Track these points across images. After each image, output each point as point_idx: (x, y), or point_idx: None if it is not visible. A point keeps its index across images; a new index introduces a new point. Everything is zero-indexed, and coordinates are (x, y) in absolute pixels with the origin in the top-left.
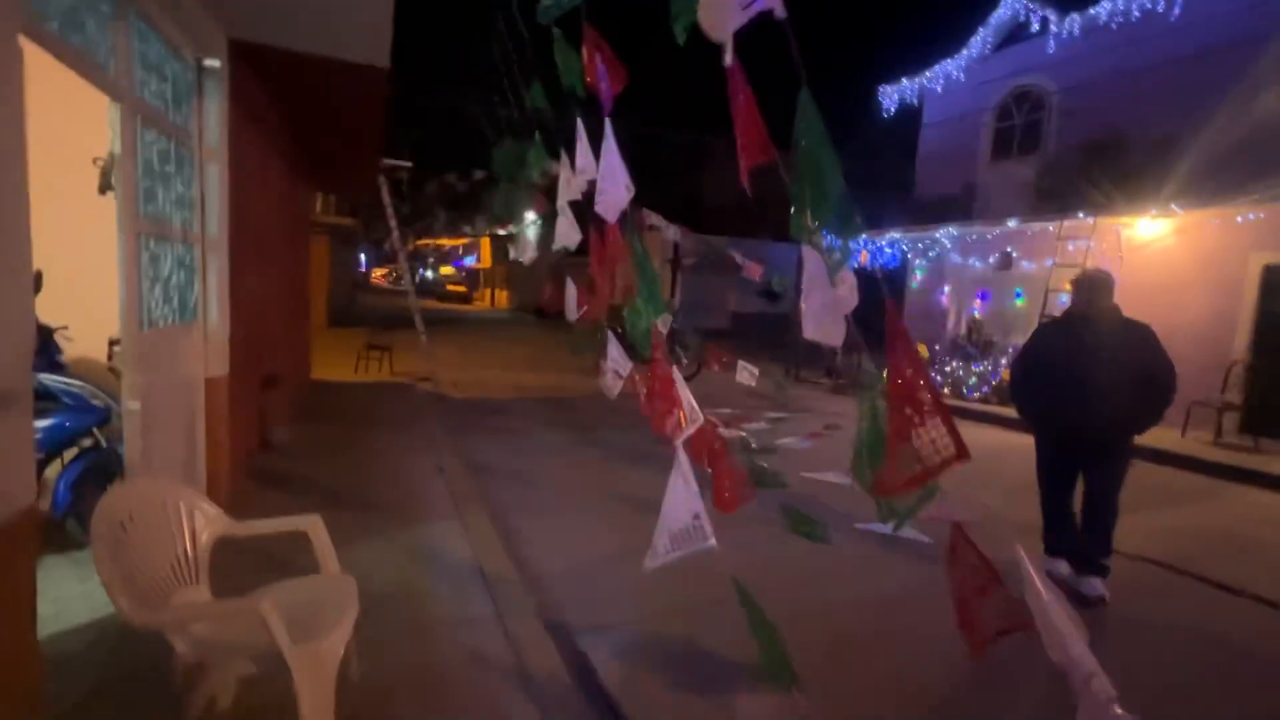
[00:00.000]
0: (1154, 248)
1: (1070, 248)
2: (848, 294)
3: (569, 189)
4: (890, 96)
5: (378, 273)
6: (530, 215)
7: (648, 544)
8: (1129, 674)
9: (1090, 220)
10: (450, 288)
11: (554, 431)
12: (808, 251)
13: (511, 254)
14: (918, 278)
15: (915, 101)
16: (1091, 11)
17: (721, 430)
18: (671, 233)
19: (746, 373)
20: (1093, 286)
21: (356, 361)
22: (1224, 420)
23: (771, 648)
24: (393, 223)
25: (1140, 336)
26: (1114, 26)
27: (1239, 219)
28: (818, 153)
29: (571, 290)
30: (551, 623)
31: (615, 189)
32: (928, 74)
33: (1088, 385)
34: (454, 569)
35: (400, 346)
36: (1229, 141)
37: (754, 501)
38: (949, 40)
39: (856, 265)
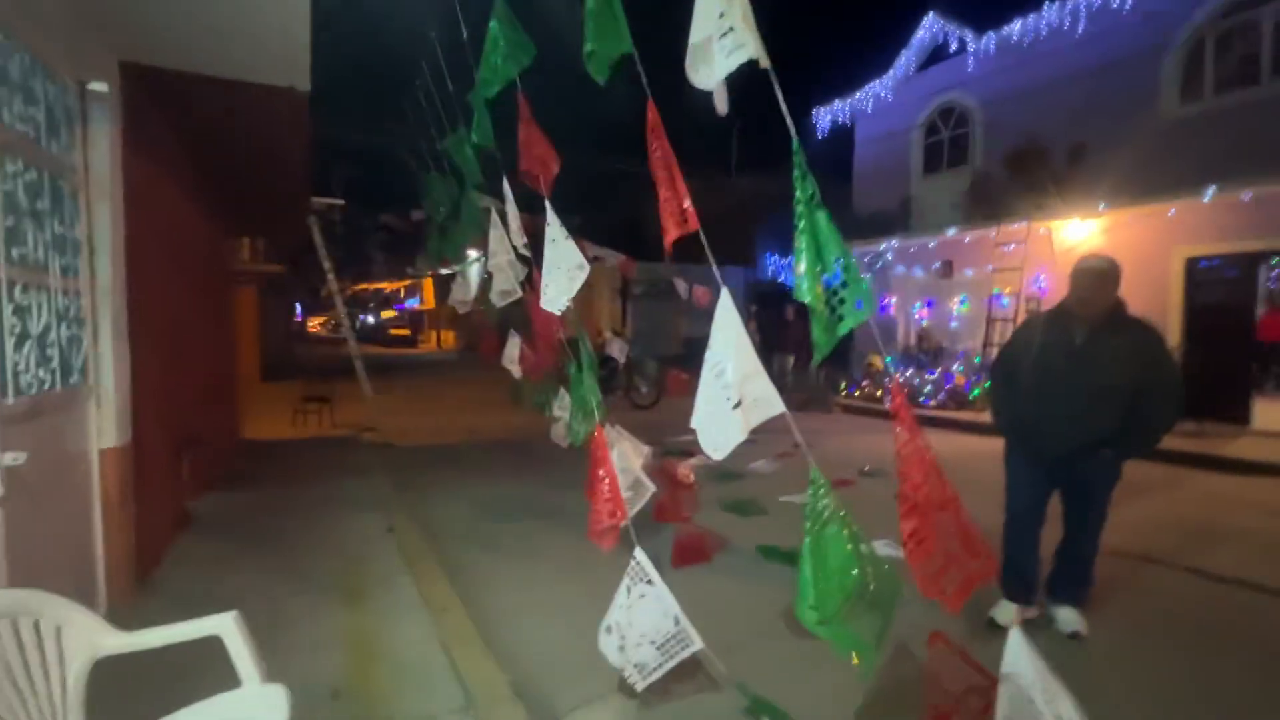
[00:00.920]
0: (1084, 247)
1: (1003, 253)
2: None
3: (504, 245)
4: (823, 118)
5: (314, 322)
6: (470, 255)
7: None
8: (1143, 675)
9: (1023, 225)
10: (393, 332)
11: (514, 479)
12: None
13: (452, 297)
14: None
15: (847, 122)
16: (1004, 30)
17: (685, 465)
18: (613, 260)
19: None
20: (1090, 276)
21: (293, 416)
22: None
23: None
24: (326, 265)
25: (1145, 340)
26: (1025, 44)
27: (1161, 215)
28: (812, 211)
29: (514, 342)
30: (534, 706)
31: (560, 277)
32: (857, 95)
33: (1069, 394)
34: (412, 653)
35: (342, 396)
36: (1146, 144)
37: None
38: (875, 62)
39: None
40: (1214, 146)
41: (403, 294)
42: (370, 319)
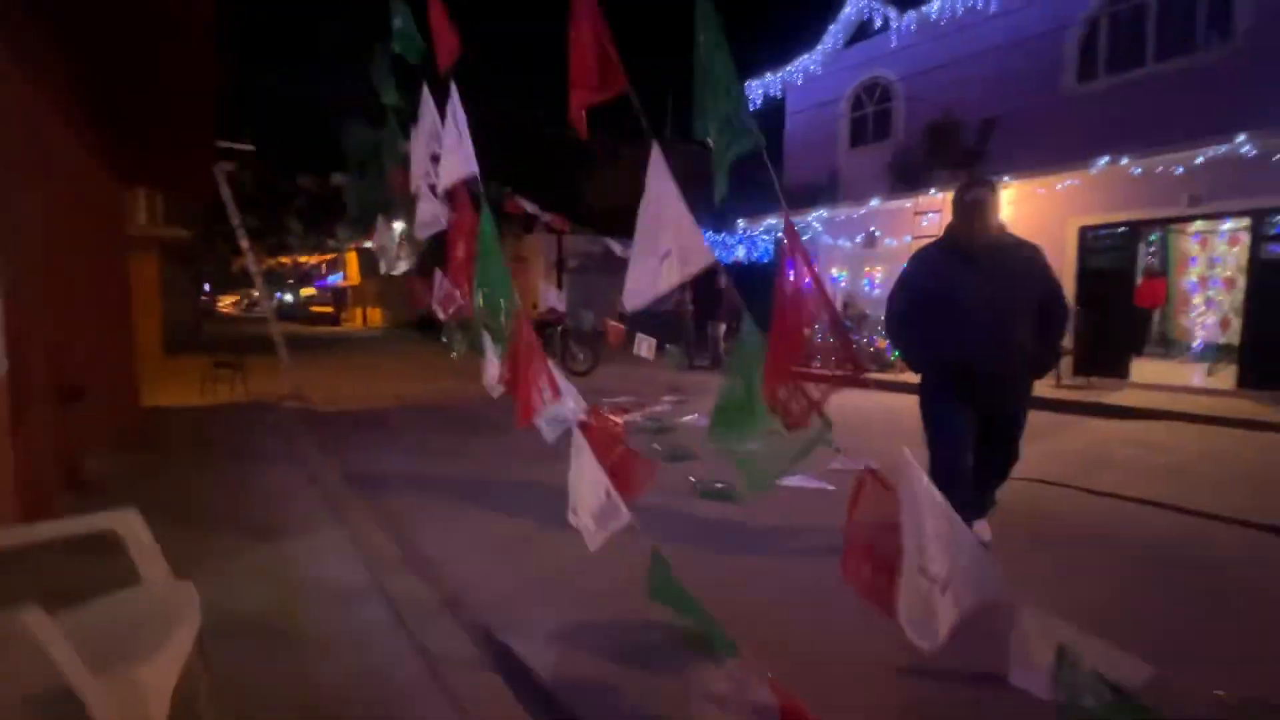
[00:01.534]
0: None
1: (923, 223)
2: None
3: (424, 168)
4: (755, 90)
5: (226, 300)
6: (392, 226)
7: (560, 533)
8: (1055, 583)
9: (939, 196)
10: (315, 309)
11: (442, 435)
12: (655, 182)
13: (383, 268)
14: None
15: (779, 94)
16: (924, 9)
17: (619, 418)
18: (546, 218)
19: (645, 345)
20: (977, 202)
21: (202, 385)
22: (1062, 365)
23: (701, 619)
24: (236, 221)
25: (1033, 258)
26: (943, 22)
27: (1059, 186)
28: (713, 55)
29: (439, 281)
30: (466, 624)
31: (458, 158)
32: (788, 68)
33: (988, 318)
34: (342, 581)
35: (258, 367)
36: (1047, 119)
37: (655, 481)
38: (806, 35)
39: (731, 260)
40: (1107, 122)
41: (324, 269)
42: (288, 296)
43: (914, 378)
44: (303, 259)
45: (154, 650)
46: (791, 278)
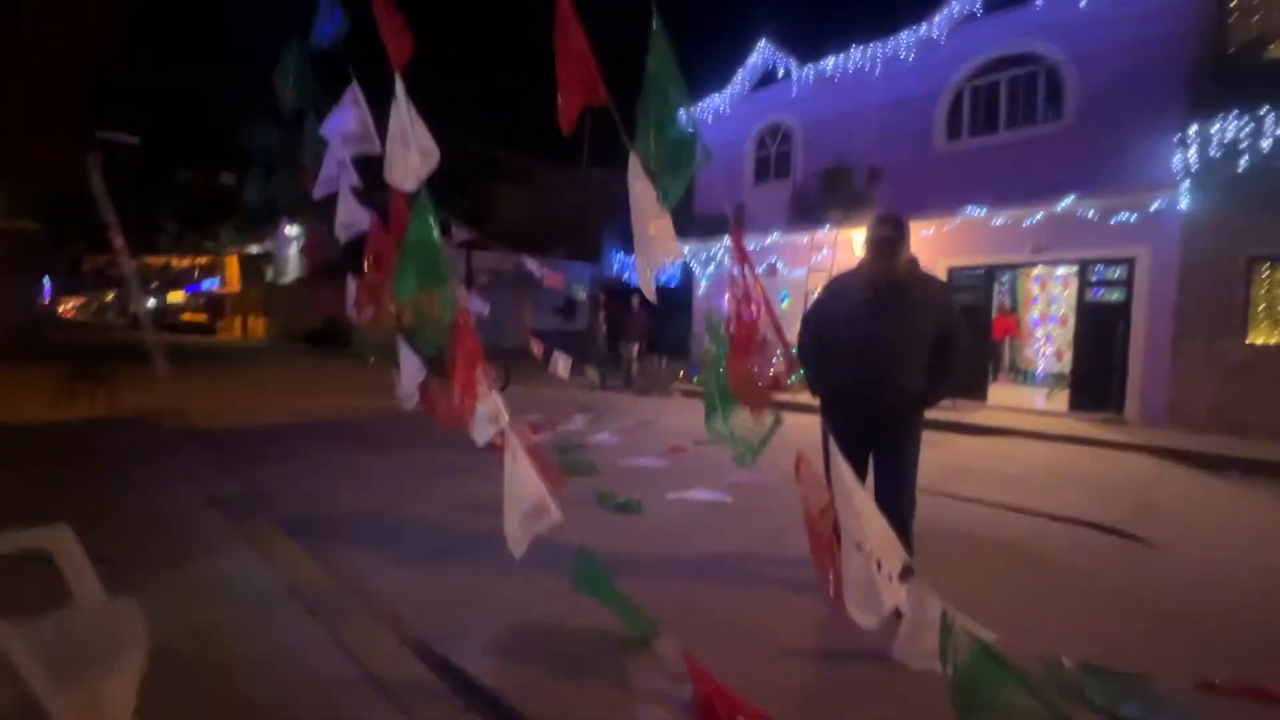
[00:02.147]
0: None
1: (817, 258)
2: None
3: (342, 170)
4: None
5: (68, 303)
6: (293, 230)
7: (481, 543)
8: (928, 576)
9: (832, 233)
10: (186, 318)
11: (347, 452)
12: (635, 184)
13: (269, 274)
14: (702, 287)
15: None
16: (820, 64)
17: (532, 435)
18: (459, 233)
19: (562, 364)
20: (880, 238)
21: (53, 398)
22: None
23: (624, 607)
24: (110, 217)
25: (937, 294)
26: (836, 78)
27: (923, 233)
28: (665, 79)
29: (352, 289)
30: (403, 633)
31: (409, 154)
32: (700, 105)
33: (869, 349)
34: (261, 598)
35: (125, 380)
36: (922, 172)
37: (565, 489)
38: (718, 76)
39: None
40: (970, 177)
41: (197, 274)
42: (152, 302)
43: (808, 399)
44: (173, 261)
45: (113, 667)
46: (738, 295)
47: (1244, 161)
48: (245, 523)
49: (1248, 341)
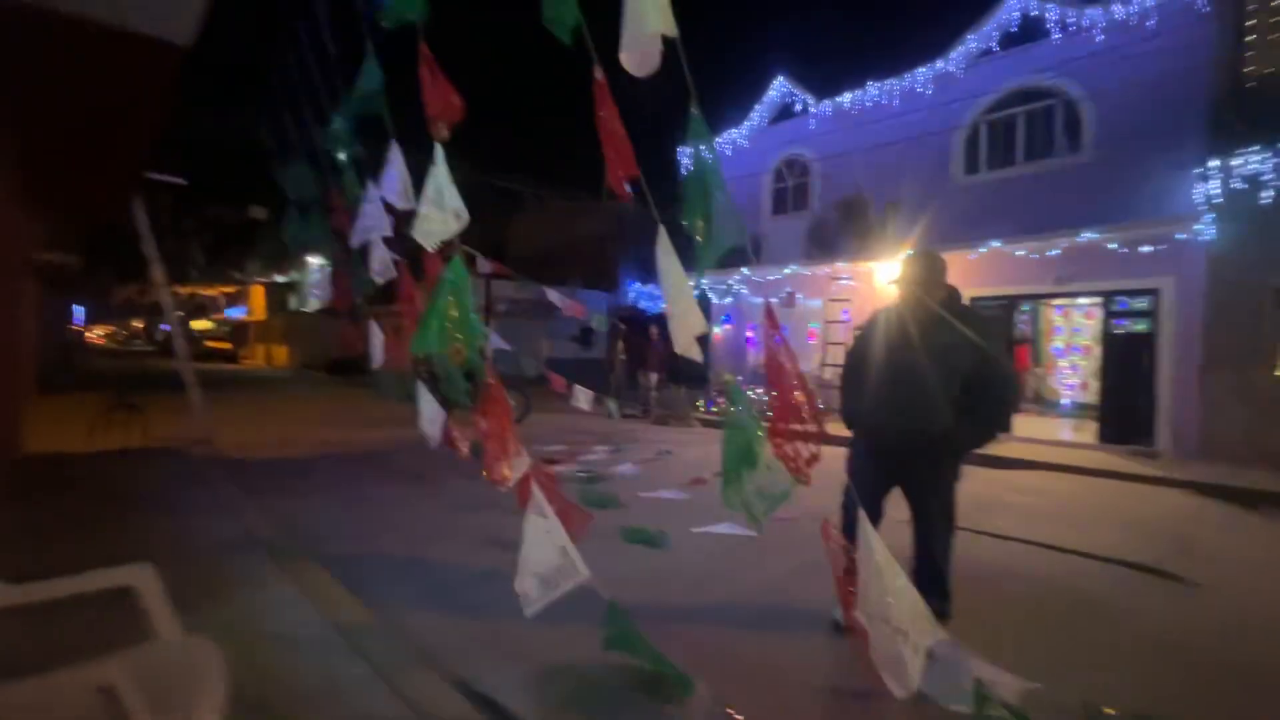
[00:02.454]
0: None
1: (834, 288)
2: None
3: (380, 221)
4: (687, 156)
5: (97, 331)
6: (317, 260)
7: (510, 580)
8: (965, 615)
9: (851, 264)
10: (210, 344)
11: (380, 485)
12: (664, 259)
13: (293, 304)
14: (723, 318)
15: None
16: (838, 98)
17: (553, 468)
18: (483, 265)
19: (584, 397)
20: (919, 269)
21: (92, 428)
22: None
23: (659, 662)
24: (154, 254)
25: (975, 332)
26: (854, 112)
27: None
28: (704, 162)
29: (376, 333)
30: (444, 672)
31: (441, 214)
32: (719, 138)
33: (908, 389)
34: (305, 635)
35: (156, 408)
36: (941, 204)
37: (589, 530)
38: (736, 110)
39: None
40: (989, 209)
41: (222, 302)
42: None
43: (834, 431)
44: (199, 290)
45: (201, 702)
46: (772, 342)
47: (1267, 194)
48: (284, 558)
49: (1277, 372)
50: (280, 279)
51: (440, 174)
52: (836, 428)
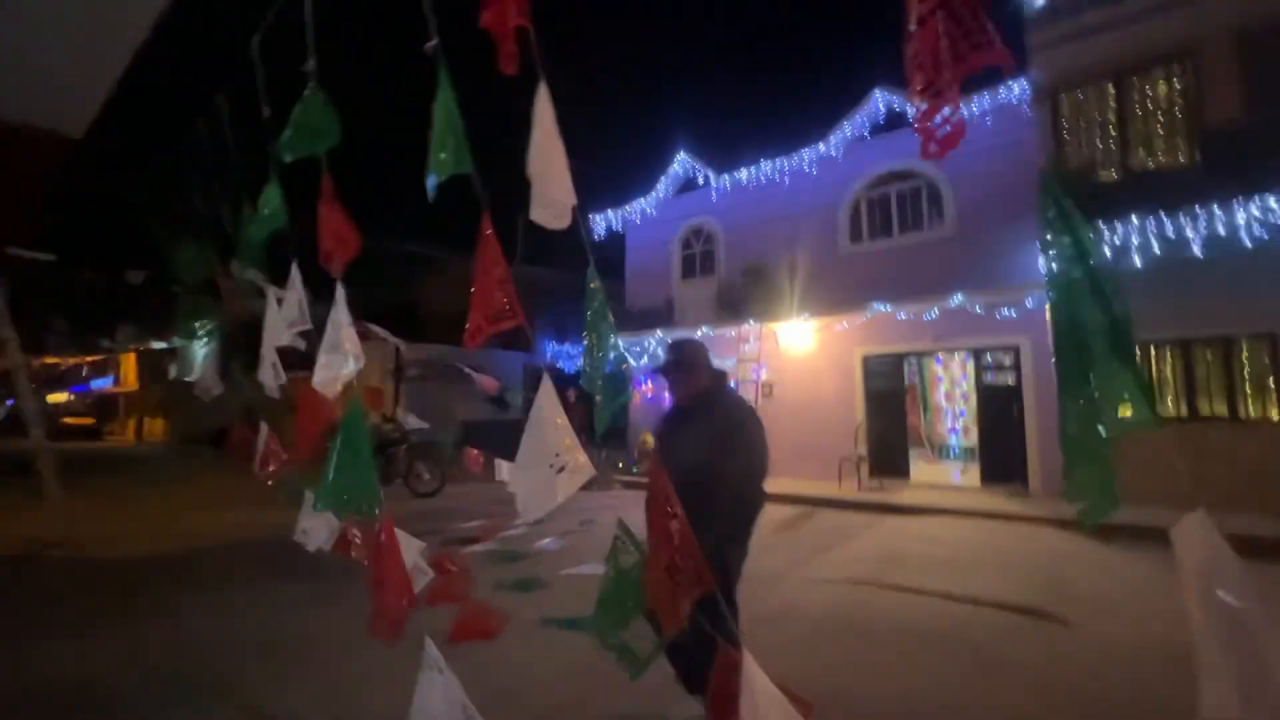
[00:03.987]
0: (801, 344)
1: (744, 348)
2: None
3: (278, 333)
4: (599, 223)
5: None
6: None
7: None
8: (866, 668)
9: (757, 326)
10: (68, 421)
11: (278, 582)
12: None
13: (174, 373)
14: (639, 379)
15: (620, 229)
16: (736, 174)
17: (466, 550)
18: (393, 343)
19: (506, 469)
20: (666, 363)
21: None
22: (861, 469)
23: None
24: (9, 332)
25: (719, 426)
26: (750, 186)
27: (837, 327)
28: (600, 320)
29: (265, 436)
30: None
31: (340, 358)
32: (627, 208)
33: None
34: None
35: (3, 505)
36: (831, 271)
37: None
38: (641, 183)
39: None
40: (872, 276)
41: (85, 372)
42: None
43: None
44: (58, 360)
45: None
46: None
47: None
48: (175, 684)
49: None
50: (159, 345)
51: (340, 316)
52: None
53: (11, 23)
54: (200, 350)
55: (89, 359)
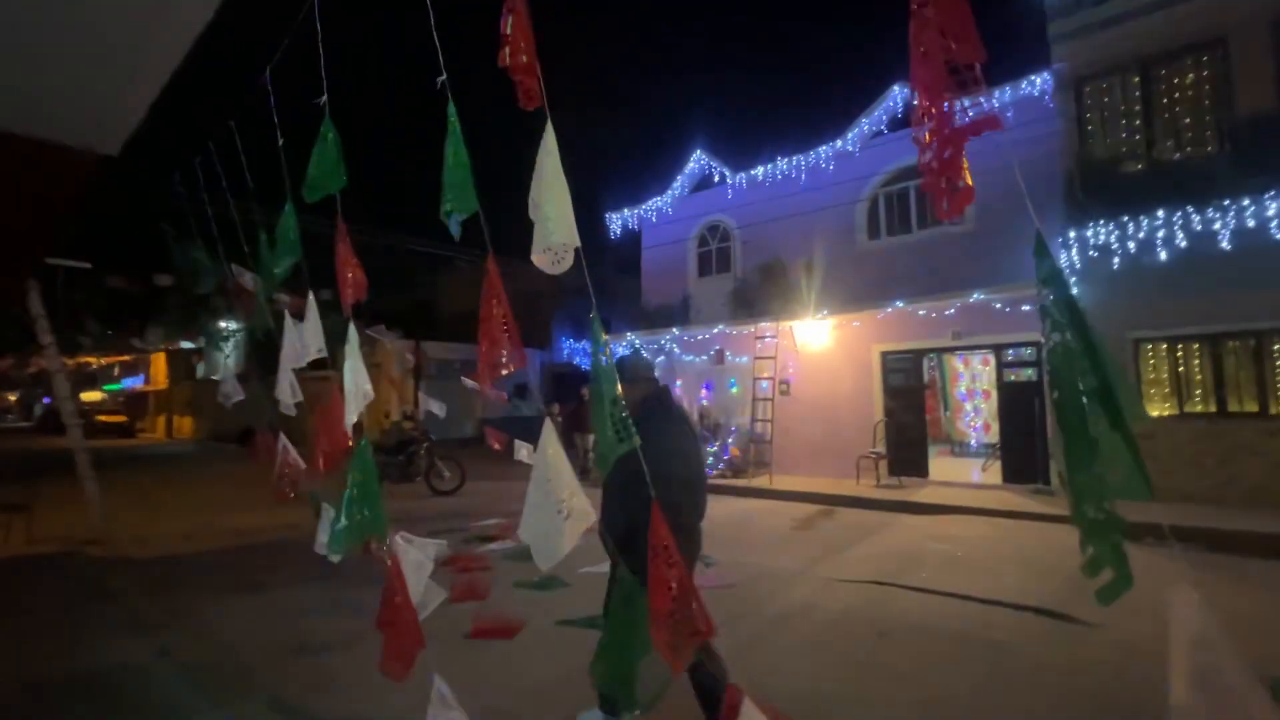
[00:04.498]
0: (818, 341)
1: (760, 345)
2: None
3: (295, 357)
4: (615, 222)
5: None
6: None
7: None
8: (884, 669)
9: (773, 323)
10: (101, 419)
11: (306, 586)
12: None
13: (200, 372)
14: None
15: (635, 228)
16: (752, 171)
17: (485, 549)
18: (400, 347)
19: (525, 450)
20: (618, 369)
21: None
22: (880, 466)
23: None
24: (47, 339)
25: (646, 435)
26: (767, 183)
27: (854, 323)
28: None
29: (283, 448)
30: None
31: (354, 396)
32: (642, 207)
33: (607, 494)
34: None
35: (39, 501)
36: (850, 267)
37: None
38: (657, 181)
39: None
40: (891, 273)
41: (117, 371)
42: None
43: (765, 484)
44: (91, 360)
45: None
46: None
47: (1116, 260)
48: (213, 683)
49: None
50: (187, 345)
51: (353, 354)
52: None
53: (60, 53)
54: (222, 354)
55: (119, 359)
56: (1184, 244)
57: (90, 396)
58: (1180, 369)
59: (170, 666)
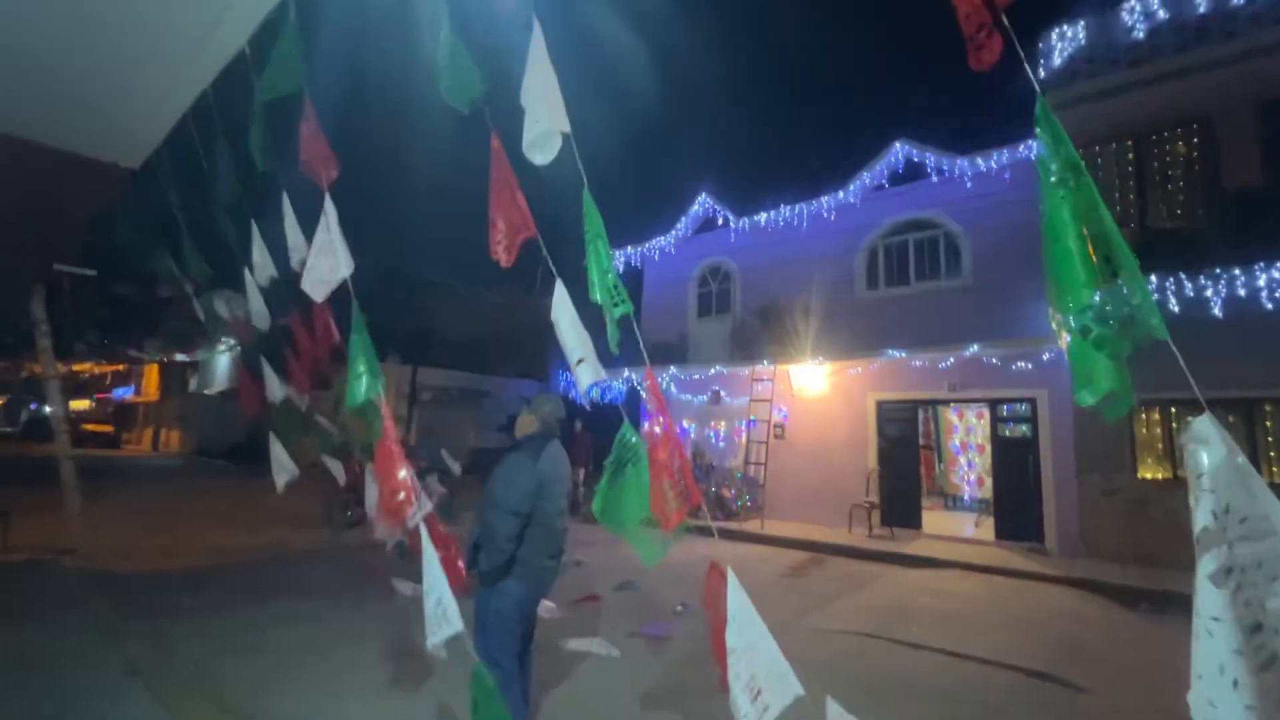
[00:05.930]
0: (815, 387)
1: (757, 388)
2: None
3: (262, 269)
4: (619, 260)
5: None
6: (226, 343)
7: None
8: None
9: (771, 367)
10: (87, 428)
11: (288, 601)
12: (562, 314)
13: (192, 385)
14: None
15: (639, 266)
16: (755, 217)
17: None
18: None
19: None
20: (528, 402)
21: None
22: (872, 516)
23: None
24: (46, 342)
25: (505, 459)
26: (769, 230)
27: (850, 371)
28: (596, 242)
29: (269, 374)
30: None
31: (329, 265)
32: (647, 245)
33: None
34: None
35: (27, 509)
36: (847, 315)
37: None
38: (661, 222)
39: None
40: (889, 323)
41: (109, 380)
42: (48, 408)
43: (757, 529)
44: (81, 368)
45: None
46: (656, 428)
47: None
48: (169, 696)
49: (1138, 476)
50: (182, 358)
51: (330, 221)
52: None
53: (91, 71)
54: (219, 362)
55: (112, 368)
56: (1176, 309)
57: (78, 404)
58: (1175, 433)
59: (138, 683)
